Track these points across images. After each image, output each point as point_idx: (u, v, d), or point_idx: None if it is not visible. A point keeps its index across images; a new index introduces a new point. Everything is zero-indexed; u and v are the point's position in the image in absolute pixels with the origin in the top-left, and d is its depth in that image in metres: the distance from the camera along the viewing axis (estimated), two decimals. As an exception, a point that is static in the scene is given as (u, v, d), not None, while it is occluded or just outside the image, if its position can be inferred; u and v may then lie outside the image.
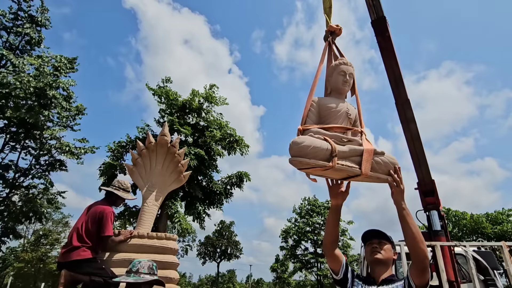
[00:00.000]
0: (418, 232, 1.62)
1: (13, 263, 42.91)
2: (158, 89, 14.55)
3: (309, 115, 2.38)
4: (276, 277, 37.28)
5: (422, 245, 1.60)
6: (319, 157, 1.90)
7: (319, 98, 2.50)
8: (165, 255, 3.94)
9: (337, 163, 1.90)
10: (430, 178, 5.68)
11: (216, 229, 62.91)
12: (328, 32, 2.80)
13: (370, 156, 1.98)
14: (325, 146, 1.95)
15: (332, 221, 2.04)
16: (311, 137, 2.03)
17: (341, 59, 2.63)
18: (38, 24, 10.82)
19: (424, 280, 1.59)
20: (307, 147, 1.89)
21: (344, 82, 2.51)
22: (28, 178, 10.12)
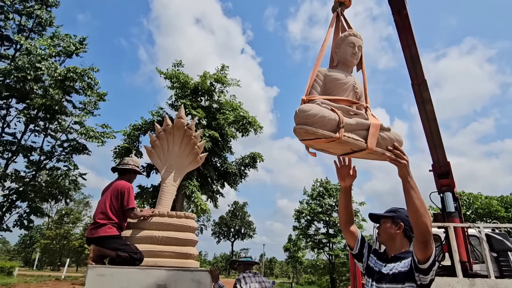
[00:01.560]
0: (422, 205, 1.58)
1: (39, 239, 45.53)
2: (169, 72, 14.59)
3: (314, 86, 2.29)
4: (289, 256, 38.22)
5: (424, 218, 1.55)
6: (326, 127, 1.82)
7: (326, 69, 2.42)
8: (184, 233, 4.15)
9: (343, 135, 1.84)
10: (445, 160, 5.65)
11: (230, 209, 64.50)
12: (337, 3, 2.70)
13: (377, 130, 1.93)
14: (333, 116, 1.88)
15: (343, 202, 2.09)
16: (319, 106, 1.95)
17: (350, 31, 2.53)
18: (47, 4, 10.90)
19: (426, 255, 1.57)
20: (314, 115, 1.81)
21: (352, 54, 2.41)
22: (52, 160, 10.61)
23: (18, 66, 9.12)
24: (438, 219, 5.86)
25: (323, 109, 1.90)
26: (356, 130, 1.94)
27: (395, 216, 1.90)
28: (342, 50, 2.48)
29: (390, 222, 1.91)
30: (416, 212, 1.58)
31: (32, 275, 28.05)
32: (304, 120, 1.83)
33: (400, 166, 1.71)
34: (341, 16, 2.70)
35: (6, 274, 24.43)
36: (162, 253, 3.88)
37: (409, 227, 1.83)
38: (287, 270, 65.64)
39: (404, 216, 1.88)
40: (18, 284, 20.50)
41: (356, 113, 2.11)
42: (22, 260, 52.98)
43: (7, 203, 9.56)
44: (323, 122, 1.83)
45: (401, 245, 1.87)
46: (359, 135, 1.94)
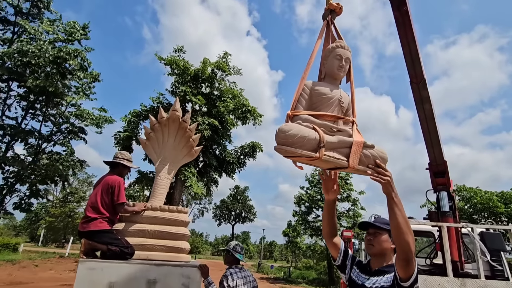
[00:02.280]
0: (405, 223, 1.56)
1: (44, 217, 46.57)
2: (168, 58, 14.31)
3: (300, 100, 2.26)
4: (288, 241, 38.90)
5: (406, 236, 1.53)
6: (305, 147, 1.82)
7: (312, 82, 2.37)
8: (176, 227, 4.18)
9: (324, 154, 1.82)
10: (442, 159, 5.59)
11: (231, 193, 65.25)
12: (327, 11, 2.60)
13: (359, 148, 1.90)
14: (313, 135, 1.86)
15: (327, 215, 2.08)
16: (299, 125, 1.93)
17: (338, 42, 2.45)
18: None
19: (408, 273, 1.55)
20: (293, 135, 1.80)
21: (339, 66, 2.35)
22: (50, 144, 10.66)
23: (20, 50, 9.02)
24: (432, 217, 5.87)
25: (303, 128, 1.88)
26: (338, 148, 1.91)
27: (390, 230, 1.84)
28: (329, 62, 2.41)
29: (387, 235, 1.88)
30: (399, 230, 1.55)
31: (37, 251, 28.86)
32: (283, 140, 1.82)
33: (383, 184, 1.68)
34: (332, 25, 2.61)
35: (12, 251, 25.15)
36: (154, 247, 3.92)
37: None
38: (286, 254, 66.99)
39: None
40: (23, 260, 21.15)
41: (340, 130, 2.06)
42: (28, 235, 54.47)
43: (7, 186, 9.69)
44: (302, 142, 1.81)
45: (389, 259, 1.86)
46: (341, 153, 1.91)
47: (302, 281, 23.09)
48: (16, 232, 54.80)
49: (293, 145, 1.80)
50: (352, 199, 26.02)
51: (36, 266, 19.32)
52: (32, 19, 10.71)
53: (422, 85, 4.69)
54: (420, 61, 4.44)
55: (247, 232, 76.33)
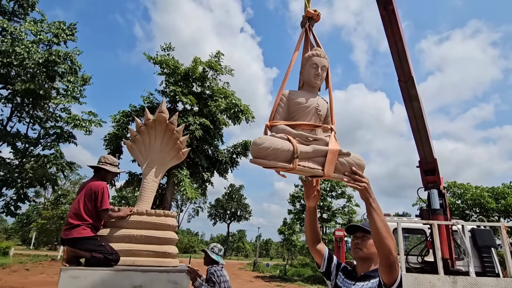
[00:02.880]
0: (384, 228, 1.55)
1: (36, 219, 45.93)
2: (158, 57, 14.12)
3: (278, 110, 2.30)
4: (283, 239, 39.03)
5: (386, 240, 1.52)
6: (279, 159, 1.85)
7: (289, 91, 2.40)
8: (163, 231, 4.09)
9: (298, 165, 1.85)
10: (432, 157, 5.59)
11: (226, 192, 65.17)
12: (305, 18, 2.61)
13: (335, 157, 1.90)
14: (287, 147, 1.88)
15: (309, 221, 2.05)
16: (273, 137, 1.96)
17: (315, 50, 2.47)
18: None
19: (391, 278, 1.54)
20: (266, 148, 1.83)
21: (316, 75, 2.36)
22: (38, 147, 10.44)
23: (1, 51, 8.78)
24: (424, 215, 5.88)
25: (276, 140, 1.90)
26: (314, 157, 1.92)
27: None
28: (306, 71, 2.43)
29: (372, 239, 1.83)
30: (379, 235, 1.54)
31: (28, 254, 28.45)
32: (257, 153, 1.84)
33: (359, 190, 1.69)
34: (310, 32, 2.62)
35: (2, 254, 24.75)
36: (141, 252, 3.83)
37: None
38: (282, 252, 67.22)
39: None
40: (14, 264, 20.82)
41: (316, 139, 2.07)
42: (19, 238, 53.69)
43: (-7, 191, 9.49)
44: (276, 154, 1.83)
45: (375, 264, 1.83)
46: (317, 162, 1.91)
47: (298, 278, 23.14)
48: (7, 235, 53.96)
49: (267, 158, 1.83)
50: (346, 195, 26.14)
51: (27, 270, 19.02)
52: (18, 20, 10.44)
53: (410, 84, 4.67)
54: (408, 59, 4.41)
55: (243, 231, 76.43)
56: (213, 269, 3.58)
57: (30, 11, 10.51)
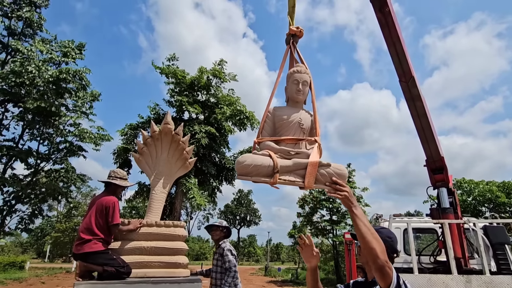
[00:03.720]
0: (368, 232, 1.58)
1: (50, 232, 46.58)
2: (164, 68, 14.32)
3: (265, 127, 2.45)
4: (294, 243, 38.73)
5: (372, 244, 1.54)
6: (261, 174, 1.99)
7: (274, 108, 2.54)
8: (173, 242, 4.14)
9: (278, 179, 1.97)
10: (439, 155, 5.54)
11: (235, 197, 65.18)
12: (289, 36, 2.73)
13: (314, 169, 1.99)
14: (267, 163, 2.01)
15: (311, 282, 2.07)
16: (254, 155, 2.12)
17: (296, 67, 2.59)
18: (36, 5, 10.69)
19: (385, 282, 1.54)
20: (248, 166, 1.98)
21: (297, 91, 2.49)
22: (49, 163, 10.67)
23: (14, 71, 9.05)
24: (434, 214, 5.81)
25: (257, 158, 2.05)
26: (295, 170, 2.04)
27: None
28: (288, 87, 2.57)
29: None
30: (364, 239, 1.57)
31: (43, 267, 28.82)
32: (240, 171, 1.99)
33: (341, 199, 1.76)
34: (294, 49, 2.73)
35: (18, 268, 25.14)
36: (151, 263, 3.89)
37: (391, 249, 1.83)
38: (293, 256, 66.68)
39: (386, 237, 1.86)
40: (30, 278, 21.14)
41: (298, 153, 2.19)
42: (34, 252, 54.45)
43: (7, 207, 9.69)
44: (257, 170, 1.98)
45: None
46: (298, 174, 2.03)
47: (310, 282, 22.91)
48: (23, 249, 54.80)
49: (250, 174, 1.98)
50: (356, 196, 25.98)
51: (43, 283, 19.29)
52: (26, 40, 10.75)
53: (411, 83, 4.67)
54: (407, 59, 4.42)
55: (253, 236, 76.11)
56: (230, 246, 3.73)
57: (38, 31, 10.85)
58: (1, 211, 9.57)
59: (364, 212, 20.26)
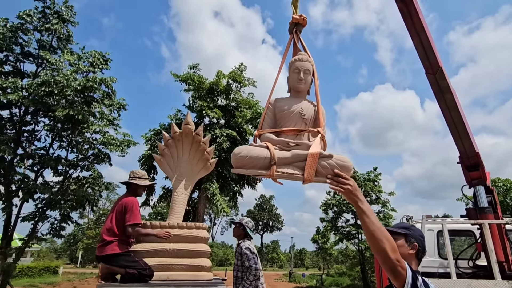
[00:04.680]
0: (378, 230, 1.44)
1: (81, 239, 48.47)
2: (184, 75, 14.53)
3: (266, 119, 2.37)
4: (317, 248, 37.90)
5: (381, 244, 1.40)
6: (257, 167, 1.90)
7: (276, 99, 2.45)
8: (196, 244, 4.08)
9: (276, 172, 1.87)
10: (473, 151, 5.16)
11: (257, 203, 64.94)
12: (292, 24, 2.63)
13: (315, 160, 1.88)
14: (264, 154, 1.92)
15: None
16: (250, 146, 2.03)
17: (298, 55, 2.48)
18: (64, 20, 11.22)
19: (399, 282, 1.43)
20: (243, 157, 1.89)
21: (298, 80, 2.39)
22: (77, 170, 11.09)
23: (44, 81, 9.52)
24: (471, 214, 5.40)
25: (252, 149, 1.96)
26: (294, 163, 1.94)
27: (409, 234, 1.71)
28: (290, 76, 2.48)
29: (404, 240, 1.73)
30: (373, 238, 1.43)
31: (75, 272, 29.92)
32: (235, 163, 1.92)
33: (343, 193, 1.63)
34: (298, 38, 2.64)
35: (52, 273, 26.25)
36: (174, 266, 3.83)
37: (422, 248, 1.69)
38: (317, 261, 65.33)
39: (418, 236, 1.72)
40: (63, 282, 21.99)
41: (298, 144, 2.08)
42: (68, 257, 56.77)
43: (39, 213, 10.10)
44: (253, 162, 1.90)
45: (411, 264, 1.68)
46: (297, 167, 1.93)
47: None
48: (57, 255, 57.29)
49: (245, 167, 1.90)
50: (381, 201, 24.93)
51: (75, 287, 20.01)
52: (55, 52, 11.28)
53: (439, 75, 4.39)
54: (434, 49, 4.16)
55: (276, 241, 75.31)
56: (247, 243, 3.58)
57: (67, 44, 11.39)
58: (33, 217, 9.98)
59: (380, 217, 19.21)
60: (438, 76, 4.55)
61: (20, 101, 9.59)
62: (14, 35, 10.32)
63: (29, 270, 23.97)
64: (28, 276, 23.23)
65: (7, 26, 10.26)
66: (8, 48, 10.31)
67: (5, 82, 9.64)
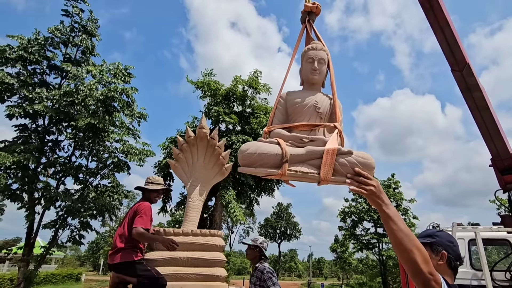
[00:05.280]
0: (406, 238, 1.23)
1: (103, 246, 49.47)
2: (199, 81, 14.63)
3: (276, 114, 2.18)
4: (336, 257, 36.84)
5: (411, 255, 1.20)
6: (267, 165, 1.70)
7: (287, 92, 2.26)
8: (210, 252, 3.93)
9: (288, 170, 1.67)
10: (507, 152, 4.77)
11: (274, 211, 64.20)
12: (305, 13, 2.46)
13: (332, 157, 1.66)
14: (274, 151, 1.72)
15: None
16: (260, 142, 1.83)
17: (312, 44, 2.29)
18: (89, 34, 11.63)
19: None
20: (251, 154, 1.70)
21: (312, 70, 2.18)
22: (97, 178, 11.29)
23: (66, 92, 9.83)
24: (506, 221, 4.98)
25: (262, 145, 1.77)
26: (308, 160, 1.74)
27: (434, 242, 1.45)
28: (303, 67, 2.29)
29: (429, 250, 1.47)
30: (400, 247, 1.22)
31: (97, 279, 30.39)
32: (243, 161, 1.74)
33: (366, 195, 1.40)
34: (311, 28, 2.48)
35: (75, 280, 26.78)
36: (188, 275, 3.69)
37: (454, 255, 1.41)
38: (336, 271, 63.55)
39: (446, 242, 1.45)
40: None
41: (313, 140, 1.87)
42: (91, 264, 58.02)
43: (60, 221, 10.28)
44: (262, 160, 1.71)
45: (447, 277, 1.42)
46: (312, 165, 1.72)
47: (357, 300, 21.37)
48: (80, 262, 58.62)
49: (253, 165, 1.71)
50: (402, 208, 23.97)
51: (95, 294, 20.27)
52: (78, 65, 11.65)
53: (466, 72, 4.09)
54: (459, 45, 3.89)
55: (294, 250, 73.92)
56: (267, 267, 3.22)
57: (90, 56, 11.79)
58: (54, 224, 10.17)
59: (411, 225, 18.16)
60: (465, 73, 4.25)
61: (44, 111, 9.89)
62: (42, 48, 10.72)
63: (53, 277, 24.55)
64: (52, 283, 23.77)
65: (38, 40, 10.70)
66: (37, 61, 10.74)
67: (31, 93, 10.01)
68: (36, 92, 10.07)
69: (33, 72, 10.89)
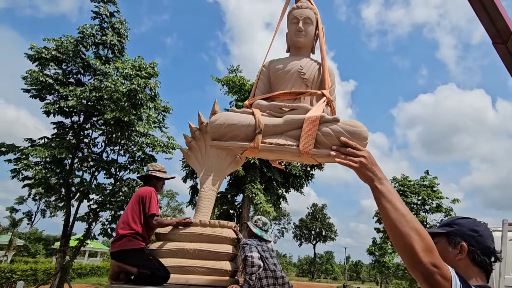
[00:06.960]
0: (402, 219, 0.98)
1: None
2: (224, 78, 14.52)
3: (259, 85, 2.00)
4: (374, 261, 35.04)
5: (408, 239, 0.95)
6: (238, 137, 1.49)
7: (270, 61, 2.03)
8: (219, 245, 3.58)
9: (262, 143, 1.42)
10: None
11: (309, 211, 62.95)
12: None
13: (314, 127, 1.38)
14: (247, 122, 1.50)
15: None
16: (230, 112, 1.62)
17: (298, 3, 2.00)
18: (119, 35, 12.04)
19: None
20: (219, 126, 1.52)
21: (297, 31, 1.93)
22: (127, 172, 11.66)
23: (95, 87, 10.25)
24: None
25: (232, 115, 1.58)
26: (287, 131, 1.50)
27: (451, 232, 1.16)
28: (288, 30, 2.05)
29: (445, 241, 1.18)
30: (394, 230, 0.99)
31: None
32: (212, 134, 1.57)
33: (354, 168, 1.20)
34: None
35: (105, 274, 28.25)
36: (194, 268, 3.37)
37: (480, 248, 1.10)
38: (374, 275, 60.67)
39: (467, 231, 1.14)
40: (109, 282, 23.62)
41: (294, 108, 1.62)
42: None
43: (93, 214, 10.69)
44: (233, 131, 1.51)
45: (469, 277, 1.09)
46: (291, 136, 1.47)
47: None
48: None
49: (223, 137, 1.52)
50: (443, 209, 21.70)
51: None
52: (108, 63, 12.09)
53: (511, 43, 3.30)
54: (501, 12, 3.13)
55: (331, 252, 72.01)
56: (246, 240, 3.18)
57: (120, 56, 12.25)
58: (87, 218, 10.60)
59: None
60: (510, 45, 3.45)
61: (77, 107, 10.37)
62: (76, 49, 11.28)
63: (98, 269, 26.02)
64: (97, 275, 25.24)
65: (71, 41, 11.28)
66: (72, 60, 11.32)
67: (66, 91, 10.56)
68: (70, 90, 10.60)
69: (69, 72, 11.50)
